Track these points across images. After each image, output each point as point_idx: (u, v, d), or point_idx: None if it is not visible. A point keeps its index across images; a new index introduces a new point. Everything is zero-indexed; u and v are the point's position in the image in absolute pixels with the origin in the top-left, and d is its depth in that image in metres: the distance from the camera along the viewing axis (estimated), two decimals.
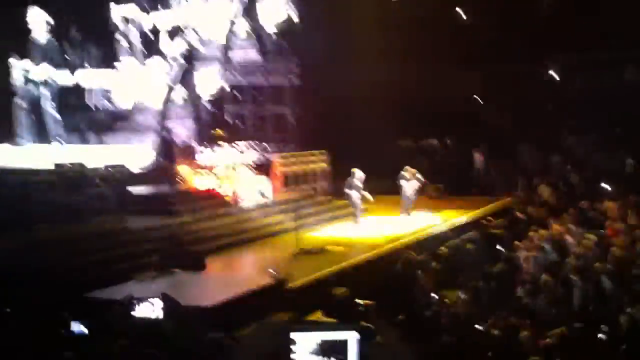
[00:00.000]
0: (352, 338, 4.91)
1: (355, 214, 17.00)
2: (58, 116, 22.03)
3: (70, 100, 22.63)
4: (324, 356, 4.86)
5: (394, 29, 22.21)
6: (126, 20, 22.41)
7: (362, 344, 4.92)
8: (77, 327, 7.40)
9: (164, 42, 21.92)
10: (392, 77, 22.34)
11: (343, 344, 4.91)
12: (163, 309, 7.67)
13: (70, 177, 14.31)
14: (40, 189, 13.69)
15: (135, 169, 16.96)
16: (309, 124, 21.60)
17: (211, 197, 16.72)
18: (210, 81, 21.46)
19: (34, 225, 13.26)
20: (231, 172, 17.66)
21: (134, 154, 18.18)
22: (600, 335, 8.68)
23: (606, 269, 10.94)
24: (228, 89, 21.84)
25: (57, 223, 13.64)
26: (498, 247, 13.89)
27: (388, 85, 22.19)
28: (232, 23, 21.72)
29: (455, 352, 8.42)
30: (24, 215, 13.29)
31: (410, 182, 17.84)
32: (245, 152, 19.17)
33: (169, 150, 17.39)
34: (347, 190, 16.95)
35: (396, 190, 17.84)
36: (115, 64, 22.40)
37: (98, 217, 14.44)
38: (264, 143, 20.02)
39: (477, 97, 24.14)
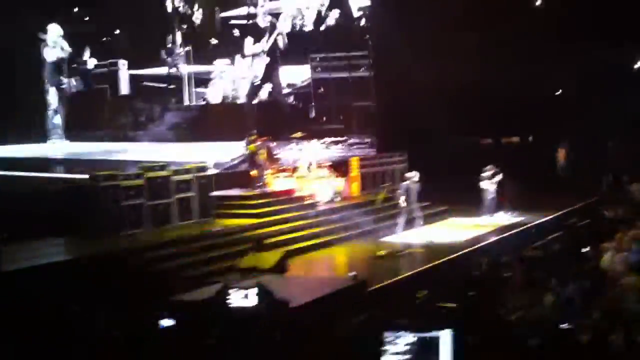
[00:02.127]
0: (445, 336, 4.87)
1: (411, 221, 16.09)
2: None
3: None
4: (417, 355, 4.85)
5: (474, 25, 21.83)
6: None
7: (456, 342, 4.88)
8: (167, 322, 7.73)
9: (253, 37, 22.46)
10: (473, 75, 21.99)
11: (435, 343, 4.88)
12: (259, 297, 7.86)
13: (159, 182, 14.73)
14: (128, 194, 14.15)
15: (218, 169, 17.33)
16: (390, 124, 21.52)
17: (292, 199, 16.94)
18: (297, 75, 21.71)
19: (124, 229, 13.85)
20: (311, 173, 17.84)
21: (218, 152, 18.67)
22: None
23: None
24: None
25: (145, 227, 14.19)
26: (585, 247, 13.49)
27: (470, 83, 21.88)
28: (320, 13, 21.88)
29: (542, 355, 8.25)
30: (114, 220, 13.87)
31: (492, 182, 17.55)
32: (324, 152, 19.32)
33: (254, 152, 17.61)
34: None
35: (477, 189, 17.57)
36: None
37: (182, 221, 14.93)
38: (345, 141, 20.14)
39: (561, 93, 23.43)
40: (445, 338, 4.88)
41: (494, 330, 8.69)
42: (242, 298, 7.92)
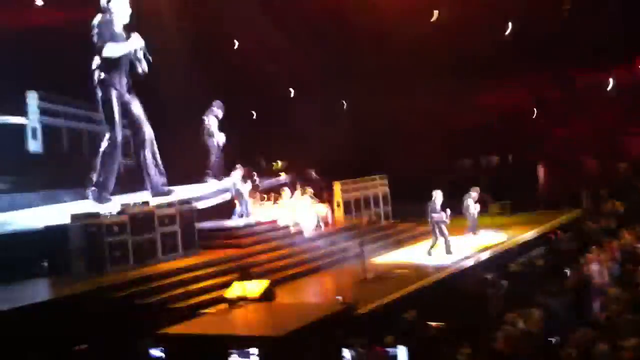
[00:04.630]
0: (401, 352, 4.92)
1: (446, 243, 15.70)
2: None
3: None
4: None
5: (443, 47, 22.18)
6: None
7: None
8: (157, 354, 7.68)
9: None
10: (447, 97, 22.30)
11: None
12: None
13: (141, 218, 14.70)
14: (112, 231, 14.11)
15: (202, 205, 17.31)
16: (367, 148, 21.69)
17: (277, 228, 16.97)
18: None
19: (109, 266, 13.78)
20: (293, 202, 17.90)
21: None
22: None
23: None
24: None
25: (130, 263, 14.12)
26: (568, 260, 13.62)
27: (445, 103, 22.17)
28: None
29: None
30: (98, 258, 13.79)
31: (475, 202, 17.68)
32: (303, 181, 19.41)
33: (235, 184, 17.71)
34: (436, 217, 15.69)
35: (459, 210, 17.68)
36: None
37: (167, 254, 14.89)
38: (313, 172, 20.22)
39: (535, 111, 23.81)
40: (402, 354, 4.99)
41: (481, 345, 8.73)
42: None
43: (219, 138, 19.18)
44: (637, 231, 14.21)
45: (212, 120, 19.04)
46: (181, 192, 17.19)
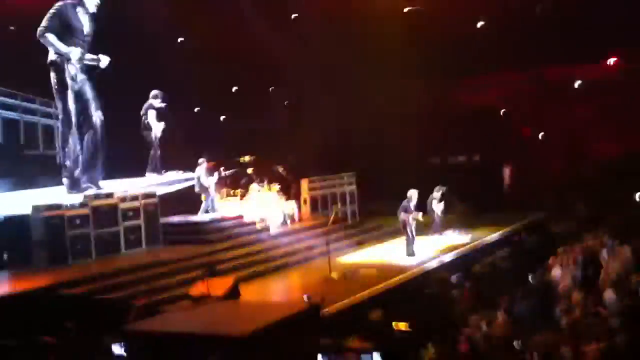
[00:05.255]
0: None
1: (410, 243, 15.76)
2: None
3: None
4: None
5: (415, 43, 22.23)
6: None
7: None
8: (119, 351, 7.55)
9: None
10: (417, 94, 22.35)
11: None
12: None
13: (105, 211, 14.46)
14: (74, 224, 13.85)
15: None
16: (336, 145, 21.66)
17: (242, 224, 16.84)
18: None
19: (70, 260, 13.54)
20: (260, 197, 17.79)
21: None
22: None
23: None
24: None
25: (92, 257, 13.89)
26: (532, 263, 13.75)
27: (413, 102, 22.22)
28: None
29: None
30: (59, 251, 13.54)
31: (440, 201, 17.75)
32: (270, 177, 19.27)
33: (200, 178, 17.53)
34: (403, 216, 15.75)
35: (424, 209, 17.73)
36: None
37: (131, 249, 14.68)
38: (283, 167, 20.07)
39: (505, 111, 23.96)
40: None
41: (445, 348, 8.76)
42: None
43: (157, 130, 18.42)
44: (600, 235, 14.41)
45: (149, 112, 18.43)
46: (120, 185, 16.74)
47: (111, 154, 16.07)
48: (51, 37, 14.49)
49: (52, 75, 14.81)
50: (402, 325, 9.03)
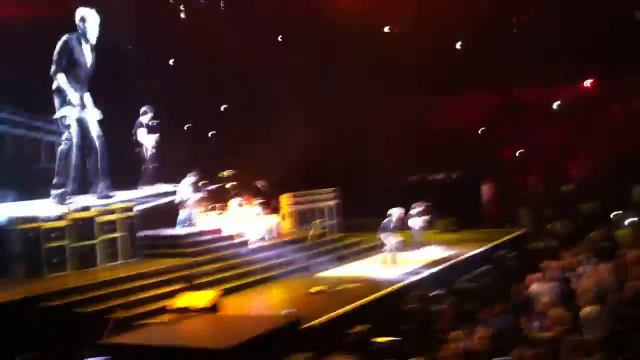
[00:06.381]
0: None
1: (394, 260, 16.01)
2: None
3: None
4: None
5: (396, 60, 22.38)
6: None
7: None
8: None
9: None
10: (397, 110, 22.47)
11: None
12: None
13: (82, 224, 14.31)
14: (49, 236, 13.69)
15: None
16: (317, 160, 21.67)
17: (221, 238, 16.74)
18: None
19: (46, 273, 13.35)
20: (240, 211, 17.72)
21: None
22: None
23: (622, 298, 10.83)
24: None
25: (69, 270, 13.72)
26: (512, 279, 13.78)
27: (393, 119, 22.33)
28: None
29: None
30: (35, 264, 13.35)
31: (419, 217, 17.81)
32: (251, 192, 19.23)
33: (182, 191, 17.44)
34: (382, 235, 16.04)
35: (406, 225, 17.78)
36: None
37: (108, 262, 14.52)
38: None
39: (483, 129, 24.15)
40: None
41: None
42: None
43: (148, 144, 18.56)
44: (577, 252, 14.49)
45: (139, 130, 18.52)
46: (125, 195, 16.80)
47: (111, 168, 16.50)
48: (62, 80, 15.23)
49: (56, 99, 15.44)
50: (383, 340, 8.99)
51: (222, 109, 25.43)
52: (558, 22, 21.78)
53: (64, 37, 15.32)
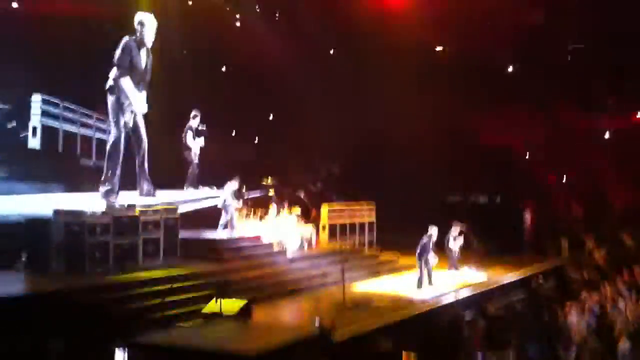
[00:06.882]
0: None
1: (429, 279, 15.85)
2: None
3: None
4: None
5: (443, 79, 22.35)
6: None
7: None
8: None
9: None
10: (442, 129, 22.43)
11: None
12: None
13: (125, 221, 14.56)
14: (94, 231, 13.95)
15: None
16: (357, 175, 21.74)
17: (260, 245, 16.87)
18: None
19: (87, 267, 13.62)
20: (280, 219, 17.84)
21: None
22: None
23: None
24: None
25: (110, 266, 13.96)
26: (547, 307, 13.63)
27: (439, 138, 22.30)
28: None
29: None
30: (77, 258, 13.62)
31: (457, 238, 17.69)
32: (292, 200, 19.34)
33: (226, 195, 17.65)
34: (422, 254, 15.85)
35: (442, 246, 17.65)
36: None
37: (148, 261, 14.74)
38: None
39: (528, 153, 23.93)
40: None
41: None
42: None
43: (195, 148, 18.88)
44: (619, 284, 14.27)
45: (188, 134, 18.87)
46: (168, 196, 17.10)
47: (157, 168, 16.96)
48: (124, 82, 15.53)
49: (109, 98, 15.73)
50: (412, 357, 8.99)
51: (269, 118, 25.81)
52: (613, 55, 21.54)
53: (124, 39, 15.64)
